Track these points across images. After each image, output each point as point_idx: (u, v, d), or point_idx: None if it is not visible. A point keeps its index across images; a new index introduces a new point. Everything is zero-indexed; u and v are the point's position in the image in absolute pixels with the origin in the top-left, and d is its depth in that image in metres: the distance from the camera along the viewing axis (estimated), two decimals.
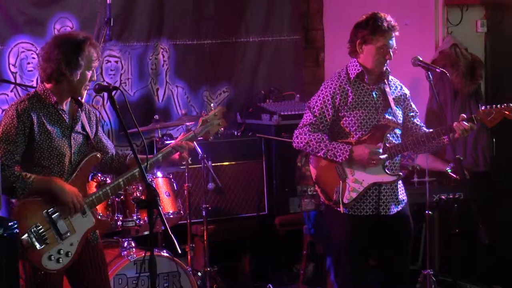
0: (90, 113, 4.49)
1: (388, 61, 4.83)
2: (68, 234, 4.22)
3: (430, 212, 5.91)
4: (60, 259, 4.19)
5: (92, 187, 5.40)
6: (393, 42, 4.82)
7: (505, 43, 6.96)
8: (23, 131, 4.16)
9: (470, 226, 5.31)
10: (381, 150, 4.77)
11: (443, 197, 6.12)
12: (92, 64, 4.25)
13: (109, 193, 4.38)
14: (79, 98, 4.35)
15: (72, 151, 4.31)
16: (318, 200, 6.21)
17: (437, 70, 4.91)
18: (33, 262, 4.14)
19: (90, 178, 5.38)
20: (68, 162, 4.29)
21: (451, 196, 5.99)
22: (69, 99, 4.33)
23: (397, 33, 4.83)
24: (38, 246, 4.14)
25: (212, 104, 6.13)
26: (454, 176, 5.80)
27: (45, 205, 4.21)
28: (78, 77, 4.22)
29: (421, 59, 4.92)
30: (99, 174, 5.42)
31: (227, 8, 7.37)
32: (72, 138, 4.31)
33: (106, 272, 4.52)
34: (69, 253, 4.23)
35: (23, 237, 4.09)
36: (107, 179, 5.48)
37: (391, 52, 4.80)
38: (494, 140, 6.70)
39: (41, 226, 4.16)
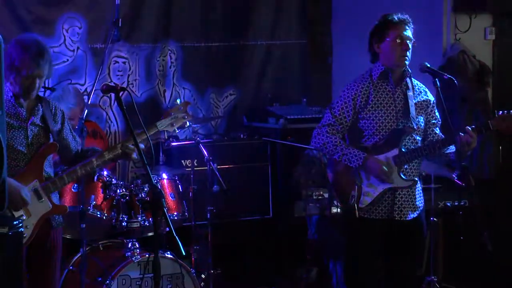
0: (57, 109, 4.57)
1: (408, 55, 4.74)
2: (23, 217, 4.30)
3: (435, 219, 5.90)
4: None
5: (98, 187, 5.44)
6: (407, 33, 4.74)
7: None
8: None
9: (475, 234, 5.30)
10: (393, 165, 4.74)
11: (448, 204, 6.10)
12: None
13: (66, 180, 4.45)
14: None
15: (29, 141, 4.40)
16: (323, 204, 6.21)
17: (444, 76, 4.87)
18: None
19: (95, 178, 5.41)
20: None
21: (456, 203, 5.99)
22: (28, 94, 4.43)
23: (411, 26, 4.76)
24: None
25: (178, 100, 6.11)
26: (460, 183, 5.77)
27: None
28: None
29: (428, 65, 4.88)
30: (104, 174, 5.45)
31: (235, 11, 7.38)
32: (29, 129, 4.40)
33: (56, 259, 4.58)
34: (24, 235, 4.28)
35: None
36: (113, 179, 5.50)
37: (408, 43, 4.73)
38: (500, 148, 6.69)
39: None
